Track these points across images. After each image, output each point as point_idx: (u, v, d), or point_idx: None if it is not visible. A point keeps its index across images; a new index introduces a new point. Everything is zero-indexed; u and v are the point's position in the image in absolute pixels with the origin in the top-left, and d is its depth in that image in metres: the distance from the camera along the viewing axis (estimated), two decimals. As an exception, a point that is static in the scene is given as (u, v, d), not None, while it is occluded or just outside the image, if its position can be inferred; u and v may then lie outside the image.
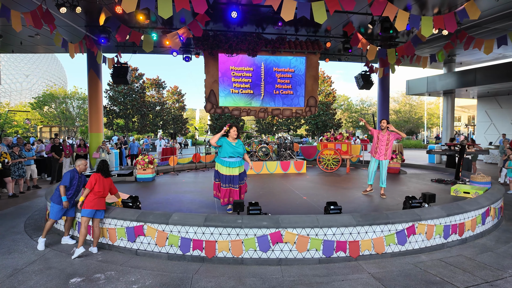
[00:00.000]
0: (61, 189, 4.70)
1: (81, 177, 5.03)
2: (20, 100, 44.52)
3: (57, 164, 10.61)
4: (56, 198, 4.80)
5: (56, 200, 4.79)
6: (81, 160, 5.06)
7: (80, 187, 4.99)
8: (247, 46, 10.50)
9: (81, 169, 5.01)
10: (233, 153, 5.44)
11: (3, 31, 10.71)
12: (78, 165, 5.01)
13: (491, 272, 3.98)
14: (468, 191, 6.44)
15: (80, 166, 5.02)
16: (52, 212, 4.81)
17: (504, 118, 17.49)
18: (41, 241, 4.76)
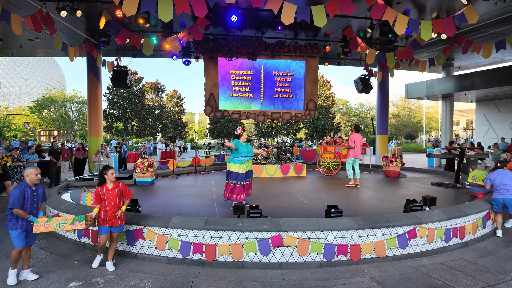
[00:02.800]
0: (18, 212, 3.75)
1: (37, 189, 3.96)
2: (19, 103, 44.49)
3: (54, 168, 10.57)
4: (12, 224, 3.83)
5: (13, 226, 3.82)
6: (29, 169, 3.93)
7: (38, 201, 3.97)
8: (246, 50, 10.53)
9: (32, 179, 3.89)
10: (248, 152, 6.12)
11: (3, 34, 10.72)
12: (26, 176, 3.91)
13: (492, 276, 3.97)
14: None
15: (30, 176, 3.89)
16: (13, 240, 3.85)
17: (503, 122, 17.55)
18: (11, 273, 3.83)
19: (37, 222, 3.80)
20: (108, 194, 4.21)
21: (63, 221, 3.89)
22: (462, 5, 7.48)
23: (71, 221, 3.92)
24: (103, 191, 4.22)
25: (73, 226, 3.93)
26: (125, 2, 5.63)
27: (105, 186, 4.25)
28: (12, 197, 3.80)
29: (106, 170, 4.27)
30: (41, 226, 3.78)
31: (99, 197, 4.21)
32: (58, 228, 3.87)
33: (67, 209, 5.31)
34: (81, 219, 3.97)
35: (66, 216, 3.90)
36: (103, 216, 4.18)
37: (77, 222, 3.95)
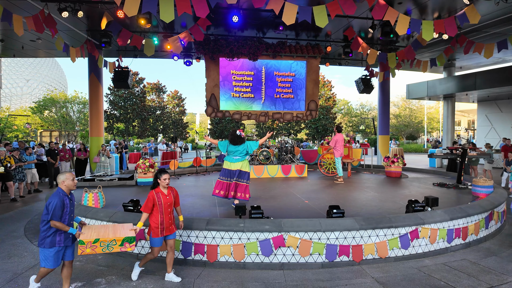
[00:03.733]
0: (57, 225, 3.31)
1: (71, 197, 3.57)
2: (21, 104, 44.61)
3: (52, 168, 10.59)
4: (50, 241, 3.35)
5: (50, 243, 3.35)
6: (65, 174, 3.51)
7: (73, 210, 3.59)
8: (248, 50, 10.53)
9: (69, 185, 3.50)
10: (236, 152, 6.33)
11: (4, 35, 10.75)
12: (62, 182, 3.46)
13: (495, 277, 3.95)
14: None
15: (67, 182, 3.47)
16: (46, 259, 3.37)
17: (505, 122, 17.49)
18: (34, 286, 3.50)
19: (83, 243, 3.32)
20: (165, 199, 3.81)
21: (112, 242, 3.42)
22: (463, 5, 7.46)
23: (121, 243, 3.45)
24: (159, 196, 3.78)
25: (122, 248, 3.47)
26: (126, 3, 5.64)
27: (160, 191, 3.83)
28: (50, 208, 3.28)
29: (160, 175, 3.84)
30: (87, 248, 3.33)
31: (151, 203, 3.73)
32: (106, 250, 3.41)
33: (68, 209, 5.30)
34: (131, 240, 3.50)
35: (116, 237, 3.43)
36: (160, 225, 3.75)
37: (127, 243, 3.49)
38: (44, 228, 3.35)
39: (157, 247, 3.81)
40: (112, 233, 3.55)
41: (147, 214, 3.75)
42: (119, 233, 3.54)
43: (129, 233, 3.55)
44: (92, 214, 4.99)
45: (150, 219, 3.78)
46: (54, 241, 3.36)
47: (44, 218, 3.34)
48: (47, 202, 3.33)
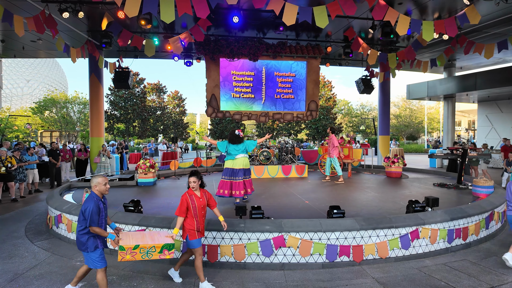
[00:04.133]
0: (96, 231, 3.26)
1: (105, 200, 3.54)
2: (21, 105, 44.63)
3: (54, 169, 10.60)
4: (91, 245, 3.32)
5: (92, 247, 3.33)
6: (97, 178, 3.41)
7: (107, 214, 3.56)
8: (248, 51, 10.54)
9: (102, 190, 3.41)
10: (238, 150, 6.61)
11: (5, 36, 10.76)
12: (94, 186, 3.38)
13: (496, 277, 3.95)
14: None
15: (99, 187, 3.39)
16: (96, 261, 3.34)
17: (505, 123, 17.48)
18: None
19: (123, 249, 3.23)
20: (198, 202, 3.72)
21: (151, 249, 3.34)
22: (464, 6, 7.46)
23: (160, 249, 3.37)
24: (192, 199, 3.70)
25: (161, 255, 3.40)
26: (127, 3, 5.64)
27: (193, 194, 3.74)
28: (87, 214, 3.22)
29: (189, 177, 3.75)
30: (127, 254, 3.25)
31: (185, 207, 3.64)
32: (146, 257, 3.33)
33: (69, 209, 5.32)
34: (170, 247, 3.43)
35: (155, 244, 3.34)
36: (196, 227, 3.68)
37: (166, 250, 3.41)
38: (82, 234, 3.29)
39: (198, 247, 3.70)
40: (151, 239, 3.46)
41: (182, 219, 3.63)
42: (158, 240, 3.46)
43: (167, 240, 3.47)
44: (92, 215, 4.99)
45: (185, 222, 3.67)
46: (96, 243, 3.33)
47: (82, 224, 3.28)
48: (83, 208, 3.26)
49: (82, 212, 3.27)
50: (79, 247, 3.34)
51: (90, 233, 3.30)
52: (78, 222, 3.31)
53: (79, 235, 3.31)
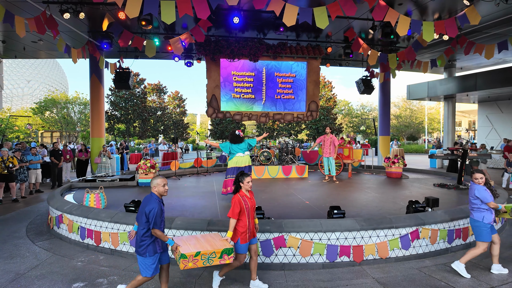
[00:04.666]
0: (157, 234, 3.18)
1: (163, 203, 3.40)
2: (22, 105, 44.69)
3: (56, 169, 10.62)
4: (150, 249, 3.21)
5: (151, 251, 3.21)
6: (156, 179, 3.31)
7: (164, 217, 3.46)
8: (248, 51, 10.56)
9: (160, 191, 3.32)
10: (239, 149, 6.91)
11: (6, 36, 10.79)
12: (153, 187, 3.30)
13: (496, 278, 3.95)
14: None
15: (158, 188, 3.29)
16: (148, 268, 3.23)
17: (505, 123, 17.48)
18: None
19: (185, 257, 3.14)
20: (250, 203, 3.63)
21: (212, 255, 3.28)
22: (464, 6, 7.47)
23: (220, 255, 3.31)
24: (245, 200, 3.58)
25: (221, 261, 3.32)
26: (128, 4, 5.66)
27: (245, 195, 3.62)
28: (151, 216, 3.12)
29: (243, 178, 3.63)
30: (189, 262, 3.17)
31: (238, 208, 3.50)
32: (207, 263, 3.27)
33: (70, 210, 5.33)
34: (229, 252, 3.36)
35: (215, 249, 3.28)
36: (248, 229, 3.57)
37: (226, 255, 3.34)
38: (145, 236, 3.19)
39: (243, 253, 3.59)
40: (208, 245, 3.41)
41: (235, 221, 3.50)
42: (215, 245, 3.40)
43: (226, 245, 3.40)
44: (93, 215, 5.01)
45: (237, 224, 3.54)
46: (155, 248, 3.24)
47: (145, 226, 3.18)
48: (147, 209, 3.15)
49: (145, 214, 3.15)
50: (137, 251, 3.22)
51: (152, 237, 3.21)
52: (140, 225, 3.21)
53: (141, 239, 3.20)
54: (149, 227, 3.18)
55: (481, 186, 4.02)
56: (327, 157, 9.48)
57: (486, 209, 4.01)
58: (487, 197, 3.96)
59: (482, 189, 4.00)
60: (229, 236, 3.49)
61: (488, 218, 3.99)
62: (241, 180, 3.63)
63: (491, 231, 4.02)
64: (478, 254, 4.04)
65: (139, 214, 3.25)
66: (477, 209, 4.06)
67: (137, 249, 3.24)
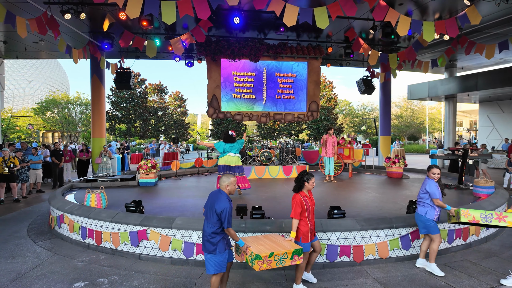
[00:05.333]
0: (232, 233, 3.20)
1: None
2: (23, 105, 44.77)
3: (57, 169, 10.65)
4: (221, 246, 3.21)
5: (222, 249, 3.21)
6: (230, 178, 3.32)
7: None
8: (249, 52, 10.56)
9: (232, 190, 3.34)
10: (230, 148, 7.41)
11: (8, 37, 10.82)
12: (226, 186, 3.30)
13: (496, 277, 3.96)
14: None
15: (230, 187, 3.32)
16: (219, 265, 3.21)
17: (507, 123, 17.45)
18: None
19: (260, 258, 3.14)
20: (311, 202, 3.64)
21: (284, 255, 3.27)
22: (464, 6, 7.47)
23: (291, 255, 3.31)
24: (306, 200, 3.58)
25: (292, 262, 3.32)
26: (128, 5, 5.68)
27: (305, 195, 3.63)
28: (225, 215, 3.12)
29: (309, 178, 3.60)
30: (264, 263, 3.17)
31: (300, 208, 3.52)
32: (279, 264, 3.27)
33: (71, 210, 5.35)
34: (299, 252, 3.36)
35: (287, 250, 3.28)
36: (310, 229, 3.60)
37: (296, 256, 3.34)
38: (214, 235, 3.18)
39: (307, 252, 3.63)
40: (276, 245, 3.42)
41: (297, 221, 3.52)
42: (283, 245, 3.42)
43: (295, 245, 3.43)
44: (94, 215, 5.03)
45: (299, 224, 3.56)
46: (225, 245, 3.25)
47: (216, 224, 3.16)
48: (218, 208, 3.13)
49: (217, 213, 3.14)
50: (207, 249, 3.19)
51: (222, 234, 3.21)
52: (210, 223, 3.19)
53: (211, 236, 3.17)
54: (220, 226, 3.17)
55: (433, 182, 4.06)
56: (329, 157, 9.50)
57: (430, 205, 4.08)
58: (436, 193, 4.01)
59: (433, 185, 4.05)
60: (292, 236, 3.52)
61: (431, 214, 4.07)
62: (306, 179, 3.60)
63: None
64: (438, 247, 4.13)
65: (208, 212, 3.24)
66: (422, 204, 4.14)
67: (207, 248, 3.20)
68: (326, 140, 9.51)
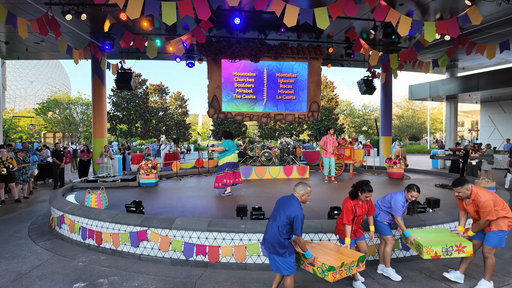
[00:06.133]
0: (301, 242, 3.20)
1: None
2: (25, 106, 44.92)
3: (58, 169, 10.66)
4: (291, 249, 3.23)
5: (292, 250, 3.26)
6: (306, 188, 3.30)
7: None
8: (249, 52, 10.57)
9: (305, 200, 3.33)
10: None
11: (9, 38, 10.86)
12: (301, 195, 3.30)
13: (497, 278, 3.94)
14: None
15: (305, 197, 3.31)
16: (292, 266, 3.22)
17: (508, 123, 17.41)
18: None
19: (334, 269, 3.16)
20: (361, 211, 3.76)
21: (351, 263, 3.33)
22: (465, 6, 7.46)
23: (356, 263, 3.40)
24: (355, 208, 3.71)
25: (357, 269, 3.42)
26: (129, 5, 5.69)
27: (358, 203, 3.75)
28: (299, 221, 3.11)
29: (364, 190, 3.66)
30: (337, 273, 3.20)
31: (351, 215, 3.66)
32: (348, 273, 3.33)
33: (72, 210, 5.36)
34: (363, 259, 3.46)
35: (353, 258, 3.35)
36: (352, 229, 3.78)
37: (361, 263, 3.44)
38: (284, 238, 3.17)
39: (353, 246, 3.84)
40: (340, 254, 3.47)
41: (350, 227, 3.67)
42: (347, 253, 3.48)
43: (357, 253, 3.52)
44: (95, 215, 5.03)
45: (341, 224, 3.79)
46: (292, 249, 3.26)
47: (286, 229, 3.16)
48: (291, 214, 3.13)
49: (289, 218, 3.13)
50: (278, 251, 3.18)
51: (288, 240, 3.23)
52: (281, 226, 3.16)
53: (282, 239, 3.16)
54: (289, 229, 3.17)
55: (403, 201, 3.93)
56: (329, 158, 9.48)
57: (384, 211, 4.06)
58: (398, 212, 3.90)
59: (400, 203, 3.91)
60: (347, 242, 3.65)
61: (382, 217, 4.07)
62: (363, 190, 3.67)
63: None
64: (392, 249, 4.08)
65: (277, 213, 3.24)
66: (377, 206, 4.13)
67: (276, 250, 3.18)
68: (327, 141, 9.48)
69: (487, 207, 3.45)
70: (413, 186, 3.94)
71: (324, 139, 9.56)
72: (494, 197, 3.54)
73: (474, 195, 3.55)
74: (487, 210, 3.45)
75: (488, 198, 3.48)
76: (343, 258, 3.35)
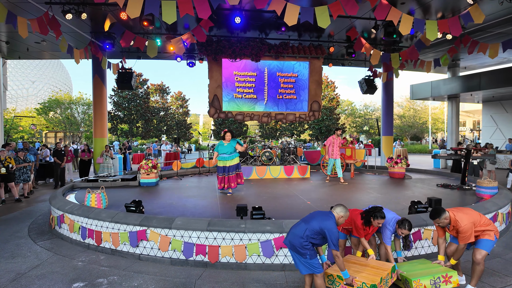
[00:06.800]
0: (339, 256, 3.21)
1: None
2: (26, 105, 44.99)
3: (59, 169, 10.67)
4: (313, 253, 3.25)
5: (314, 254, 3.27)
6: (346, 211, 3.36)
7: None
8: (250, 51, 10.55)
9: (341, 223, 3.37)
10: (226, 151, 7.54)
11: (9, 37, 10.87)
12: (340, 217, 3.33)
13: (499, 279, 3.91)
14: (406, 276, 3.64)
15: (341, 220, 3.35)
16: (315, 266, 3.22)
17: (510, 123, 17.33)
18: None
19: (375, 286, 3.20)
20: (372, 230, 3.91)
21: (387, 276, 3.39)
22: (467, 5, 7.41)
23: (390, 275, 3.46)
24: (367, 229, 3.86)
25: (391, 280, 3.49)
26: (129, 5, 5.67)
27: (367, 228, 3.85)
28: (330, 235, 3.12)
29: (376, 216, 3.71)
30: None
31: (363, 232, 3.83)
32: (385, 286, 3.38)
33: (71, 210, 5.35)
34: (394, 269, 3.53)
35: (387, 270, 3.40)
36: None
37: (393, 273, 3.50)
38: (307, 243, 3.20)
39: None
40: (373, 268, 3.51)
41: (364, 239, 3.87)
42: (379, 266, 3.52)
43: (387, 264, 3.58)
44: (94, 215, 5.02)
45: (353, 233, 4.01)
46: (314, 253, 3.27)
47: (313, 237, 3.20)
48: (327, 227, 3.15)
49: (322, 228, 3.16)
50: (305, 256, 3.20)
51: (313, 248, 3.25)
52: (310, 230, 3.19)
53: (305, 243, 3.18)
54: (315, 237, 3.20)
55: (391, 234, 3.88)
56: (334, 159, 9.32)
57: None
58: (387, 241, 3.87)
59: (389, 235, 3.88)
60: (372, 253, 3.79)
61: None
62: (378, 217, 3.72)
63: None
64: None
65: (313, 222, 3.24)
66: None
67: (296, 249, 3.24)
68: (334, 141, 9.30)
69: (466, 232, 3.48)
70: (405, 223, 3.82)
71: (330, 139, 9.40)
72: (473, 218, 3.55)
73: (454, 222, 3.57)
74: (466, 234, 3.49)
75: (467, 221, 3.50)
76: (379, 272, 3.33)
